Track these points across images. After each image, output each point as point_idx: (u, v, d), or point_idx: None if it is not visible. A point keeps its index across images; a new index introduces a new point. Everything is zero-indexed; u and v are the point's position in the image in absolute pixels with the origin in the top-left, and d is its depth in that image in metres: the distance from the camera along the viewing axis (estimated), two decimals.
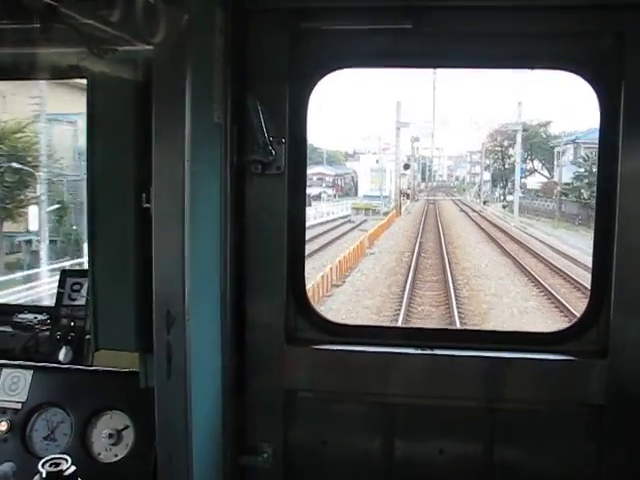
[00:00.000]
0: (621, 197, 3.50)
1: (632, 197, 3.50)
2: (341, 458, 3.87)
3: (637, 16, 3.41)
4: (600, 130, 3.65)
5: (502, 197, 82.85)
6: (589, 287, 3.86)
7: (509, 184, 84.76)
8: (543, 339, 4.00)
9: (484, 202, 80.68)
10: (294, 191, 3.78)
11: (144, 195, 3.29)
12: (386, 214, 60.56)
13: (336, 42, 3.74)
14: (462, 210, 70.24)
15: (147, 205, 3.26)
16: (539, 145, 72.92)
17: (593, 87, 3.60)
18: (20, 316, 4.16)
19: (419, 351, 3.77)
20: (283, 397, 3.80)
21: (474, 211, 67.98)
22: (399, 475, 3.84)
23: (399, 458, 3.82)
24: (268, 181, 3.70)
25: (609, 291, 3.59)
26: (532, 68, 3.92)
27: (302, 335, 3.88)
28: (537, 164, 77.13)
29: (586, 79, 3.60)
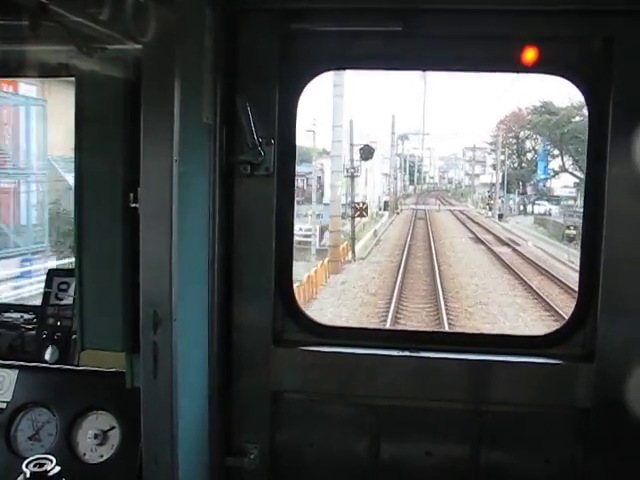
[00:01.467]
0: (609, 201, 3.69)
1: (620, 201, 3.69)
2: (327, 459, 4.05)
3: (626, 21, 3.60)
4: (589, 133, 3.86)
5: (522, 207, 68.82)
6: None
7: (528, 188, 76.69)
8: (530, 342, 4.19)
9: (500, 216, 63.00)
10: (283, 192, 3.96)
11: (132, 195, 3.44)
12: (322, 253, 31.98)
13: (326, 44, 3.92)
14: (477, 238, 43.83)
15: (135, 205, 3.42)
16: (574, 135, 55.13)
17: (582, 91, 3.81)
18: (6, 315, 4.34)
19: (406, 353, 3.95)
20: (270, 398, 3.98)
21: (501, 242, 41.54)
22: (385, 477, 4.02)
23: (385, 460, 4.00)
24: (257, 182, 3.87)
25: (596, 295, 3.77)
26: (522, 72, 4.08)
27: (289, 337, 4.06)
28: (567, 161, 61.71)
29: (575, 83, 3.80)
